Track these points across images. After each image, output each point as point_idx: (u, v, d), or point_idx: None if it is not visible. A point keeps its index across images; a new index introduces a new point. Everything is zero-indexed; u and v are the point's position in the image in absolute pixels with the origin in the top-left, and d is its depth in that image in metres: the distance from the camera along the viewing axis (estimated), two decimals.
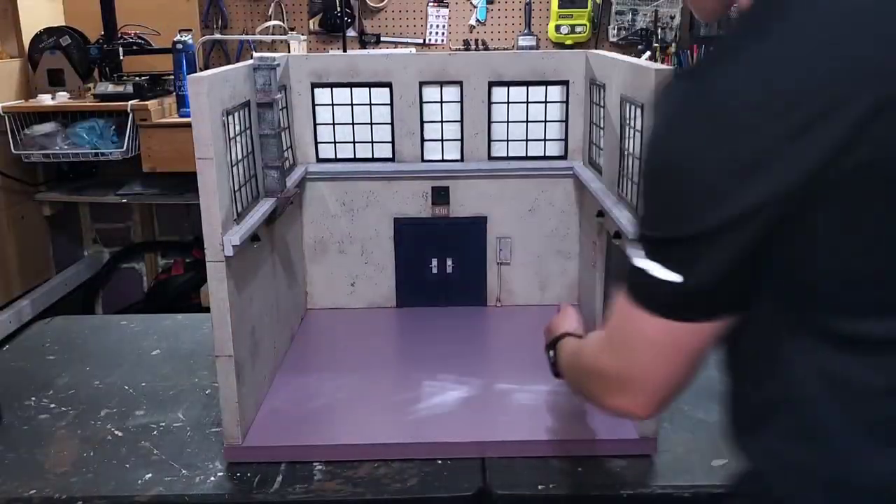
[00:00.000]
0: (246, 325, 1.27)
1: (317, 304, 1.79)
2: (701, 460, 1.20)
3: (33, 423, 1.36)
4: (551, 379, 1.43)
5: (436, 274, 1.77)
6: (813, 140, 0.67)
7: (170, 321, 1.80)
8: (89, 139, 2.84)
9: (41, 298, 3.02)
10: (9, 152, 2.84)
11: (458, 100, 1.67)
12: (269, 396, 1.38)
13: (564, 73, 1.65)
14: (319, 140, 1.71)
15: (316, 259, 1.76)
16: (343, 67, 1.65)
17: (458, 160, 1.71)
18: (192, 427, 1.33)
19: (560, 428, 1.27)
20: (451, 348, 1.58)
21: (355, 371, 1.48)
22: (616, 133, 1.37)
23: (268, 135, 1.39)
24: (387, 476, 1.19)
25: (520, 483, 1.17)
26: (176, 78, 2.84)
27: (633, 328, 0.81)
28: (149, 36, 3.22)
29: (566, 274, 1.77)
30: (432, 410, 1.34)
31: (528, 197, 1.72)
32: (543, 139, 1.71)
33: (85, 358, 1.62)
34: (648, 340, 0.80)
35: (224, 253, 1.16)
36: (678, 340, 0.79)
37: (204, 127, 1.12)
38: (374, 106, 1.68)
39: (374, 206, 1.73)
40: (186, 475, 1.20)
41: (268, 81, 1.36)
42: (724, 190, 0.71)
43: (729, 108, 0.70)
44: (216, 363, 1.20)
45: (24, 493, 1.16)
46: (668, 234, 0.76)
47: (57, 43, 3.01)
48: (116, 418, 1.37)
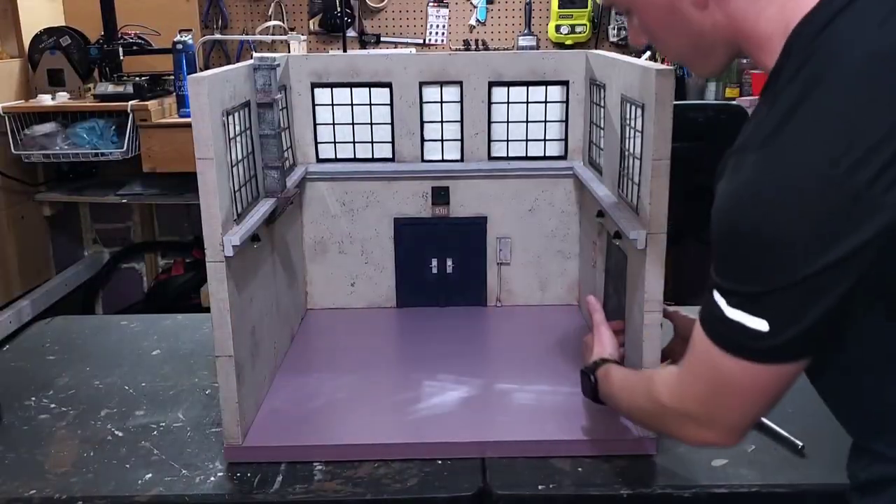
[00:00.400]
0: (246, 326, 1.28)
1: (317, 304, 1.79)
2: (701, 460, 1.20)
3: (33, 423, 1.36)
4: (551, 379, 1.44)
5: (436, 274, 1.77)
6: (891, 179, 0.70)
7: (170, 321, 1.80)
8: (89, 139, 2.84)
9: (41, 298, 3.03)
10: (9, 152, 2.84)
11: (458, 100, 1.67)
12: (269, 396, 1.38)
13: (564, 73, 1.65)
14: (319, 140, 1.71)
15: (316, 259, 1.76)
16: (343, 67, 1.65)
17: (458, 160, 1.71)
18: (193, 427, 1.33)
19: (560, 428, 1.27)
20: (451, 348, 1.58)
21: (355, 371, 1.48)
22: (616, 133, 1.37)
23: (268, 135, 1.39)
24: (387, 476, 1.19)
25: (520, 483, 1.17)
26: (176, 78, 2.84)
27: (719, 372, 0.84)
28: (149, 36, 3.22)
29: (566, 274, 1.77)
30: (432, 410, 1.34)
31: (528, 197, 1.72)
32: (543, 139, 1.71)
33: (85, 358, 1.62)
34: (735, 383, 0.84)
35: (224, 253, 1.16)
36: (765, 382, 0.83)
37: (204, 127, 1.12)
38: (374, 106, 1.68)
39: (374, 206, 1.73)
40: (186, 475, 1.20)
41: (268, 81, 1.36)
42: (811, 247, 0.74)
43: (806, 169, 0.73)
44: (216, 363, 1.20)
45: (24, 493, 1.16)
46: (755, 287, 0.78)
47: (57, 43, 3.01)
48: (116, 418, 1.37)
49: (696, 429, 0.91)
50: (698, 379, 0.88)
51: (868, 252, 0.73)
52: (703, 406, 0.89)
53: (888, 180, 0.70)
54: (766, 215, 0.75)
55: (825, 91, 0.74)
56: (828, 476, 1.15)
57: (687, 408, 0.91)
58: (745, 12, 0.86)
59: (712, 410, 0.88)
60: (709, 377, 0.86)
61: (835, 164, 0.71)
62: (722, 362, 0.83)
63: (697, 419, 0.90)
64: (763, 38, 0.84)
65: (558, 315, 1.74)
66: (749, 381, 0.83)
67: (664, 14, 0.92)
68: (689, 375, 0.91)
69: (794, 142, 0.74)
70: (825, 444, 1.19)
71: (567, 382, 1.40)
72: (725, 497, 1.14)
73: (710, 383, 0.86)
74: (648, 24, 0.97)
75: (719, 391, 0.86)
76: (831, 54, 0.75)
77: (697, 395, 0.89)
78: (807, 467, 1.19)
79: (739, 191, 0.78)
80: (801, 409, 0.86)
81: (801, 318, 0.77)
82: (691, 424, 0.92)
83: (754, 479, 1.15)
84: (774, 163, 0.75)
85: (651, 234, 1.18)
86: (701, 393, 0.88)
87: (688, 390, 0.91)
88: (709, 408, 0.88)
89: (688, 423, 0.92)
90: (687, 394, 0.91)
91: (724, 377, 0.84)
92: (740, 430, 0.88)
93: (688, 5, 0.89)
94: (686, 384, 0.91)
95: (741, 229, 0.78)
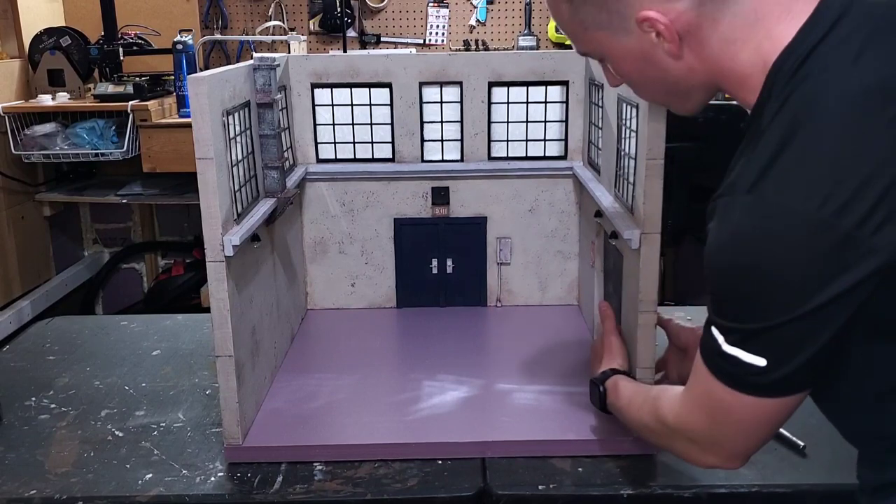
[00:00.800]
0: (246, 326, 1.28)
1: (317, 304, 1.79)
2: None
3: (33, 423, 1.36)
4: (551, 379, 1.44)
5: (436, 274, 1.77)
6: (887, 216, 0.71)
7: (170, 321, 1.80)
8: (89, 139, 2.84)
9: (41, 298, 3.03)
10: (9, 152, 2.84)
11: (458, 100, 1.67)
12: (269, 396, 1.38)
13: (564, 73, 1.66)
14: (319, 140, 1.71)
15: (316, 259, 1.76)
16: (343, 68, 1.65)
17: (458, 160, 1.71)
18: (193, 427, 1.33)
19: (560, 428, 1.27)
20: (451, 348, 1.58)
21: (355, 371, 1.48)
22: (613, 133, 1.37)
23: (268, 135, 1.39)
24: (387, 476, 1.19)
25: (520, 483, 1.17)
26: (176, 78, 2.84)
27: (719, 403, 0.85)
28: (149, 36, 3.23)
29: (566, 274, 1.77)
30: (432, 410, 1.34)
31: (528, 197, 1.72)
32: (543, 139, 1.71)
33: (85, 358, 1.62)
34: (735, 414, 0.85)
35: (224, 253, 1.16)
36: (765, 413, 0.84)
37: (204, 127, 1.12)
38: (374, 106, 1.68)
39: (374, 206, 1.73)
40: (187, 475, 1.20)
41: (268, 82, 1.36)
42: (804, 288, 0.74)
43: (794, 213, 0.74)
44: (216, 363, 1.20)
45: (24, 493, 1.16)
46: (750, 325, 0.79)
47: (57, 43, 3.01)
48: (117, 418, 1.37)
49: (700, 452, 0.92)
50: (700, 407, 0.89)
51: (861, 291, 0.73)
52: (705, 432, 0.90)
53: (876, 222, 0.71)
54: (757, 258, 0.76)
55: (806, 136, 0.74)
56: (829, 476, 1.15)
57: (690, 432, 0.92)
58: (720, 56, 0.85)
59: (715, 437, 0.89)
60: (710, 406, 0.87)
61: (822, 208, 0.72)
62: (722, 395, 0.84)
63: (701, 444, 0.91)
64: (742, 77, 0.85)
65: (558, 315, 1.74)
66: (749, 413, 0.84)
67: (639, 63, 0.92)
68: (691, 402, 0.92)
69: (780, 187, 0.75)
70: (826, 444, 1.19)
71: (567, 382, 1.40)
72: (725, 497, 1.14)
73: (711, 412, 0.88)
74: (624, 73, 0.97)
75: (720, 420, 0.87)
76: (809, 96, 0.75)
77: (700, 422, 0.90)
78: (808, 467, 1.19)
79: (730, 234, 0.79)
80: (803, 408, 0.86)
81: (798, 354, 0.77)
82: (695, 448, 0.93)
83: (754, 479, 1.15)
84: (763, 207, 0.76)
85: (645, 233, 1.18)
86: (703, 420, 0.89)
87: (690, 416, 0.92)
88: (711, 434, 0.89)
89: (692, 447, 0.93)
90: (690, 419, 0.92)
91: (724, 408, 0.85)
92: (744, 455, 0.90)
93: (662, 55, 0.88)
94: (688, 410, 0.92)
95: (733, 272, 0.79)
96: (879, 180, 0.71)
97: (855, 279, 0.72)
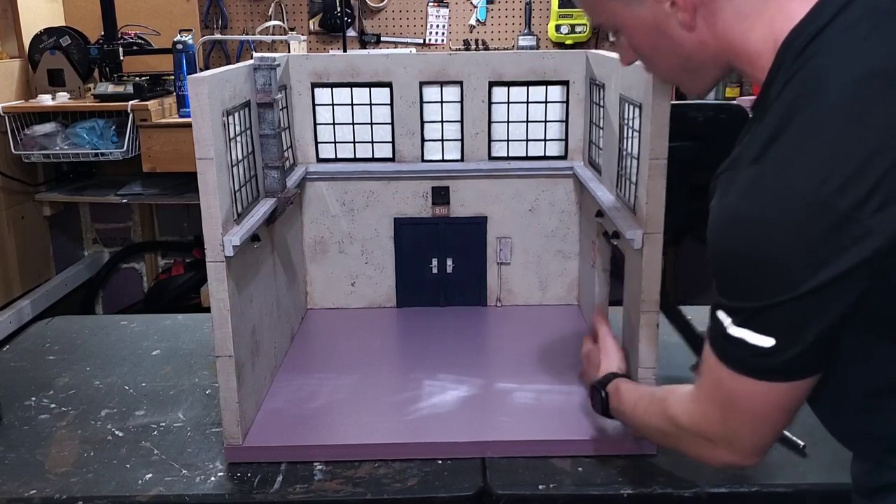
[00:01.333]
0: (246, 325, 1.28)
1: (317, 304, 1.79)
2: None
3: (33, 423, 1.36)
4: (551, 379, 1.44)
5: (436, 274, 1.77)
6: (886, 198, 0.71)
7: (170, 321, 1.80)
8: (89, 139, 2.84)
9: (41, 298, 3.02)
10: (9, 152, 2.84)
11: (458, 100, 1.67)
12: (269, 396, 1.38)
13: (564, 73, 1.65)
14: (319, 140, 1.71)
15: (316, 259, 1.76)
16: (343, 67, 1.65)
17: (459, 160, 1.71)
18: (193, 427, 1.33)
19: (560, 428, 1.27)
20: (451, 348, 1.58)
21: (355, 371, 1.48)
22: (615, 133, 1.37)
23: (268, 135, 1.39)
24: (387, 476, 1.19)
25: (520, 483, 1.17)
26: (176, 78, 2.84)
27: (730, 393, 0.85)
28: (149, 36, 3.22)
29: (566, 274, 1.77)
30: (432, 410, 1.34)
31: (528, 197, 1.72)
32: (543, 139, 1.71)
33: (85, 358, 1.62)
34: (747, 403, 0.84)
35: (224, 253, 1.16)
36: (776, 400, 0.83)
37: (204, 127, 1.12)
38: (375, 106, 1.68)
39: (374, 206, 1.73)
40: (187, 475, 1.20)
41: (268, 81, 1.36)
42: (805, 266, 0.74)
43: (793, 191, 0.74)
44: (216, 363, 1.20)
45: (24, 493, 1.16)
46: (758, 302, 0.78)
47: (57, 43, 3.01)
48: (117, 418, 1.37)
49: (714, 450, 0.91)
50: (712, 400, 0.89)
51: (862, 273, 0.73)
52: (718, 427, 0.89)
53: (875, 204, 0.71)
54: (757, 236, 0.76)
55: (809, 115, 0.74)
56: (829, 476, 1.15)
57: (703, 429, 0.92)
58: (733, 30, 0.86)
59: (728, 431, 0.88)
60: (721, 398, 0.87)
61: (821, 187, 0.72)
62: (732, 383, 0.84)
63: (714, 440, 0.90)
64: (753, 54, 0.85)
65: (558, 315, 1.74)
66: (760, 401, 0.83)
67: (652, 35, 0.92)
68: (703, 397, 0.91)
69: (780, 165, 0.75)
70: (826, 444, 1.18)
71: (567, 382, 1.40)
72: (725, 497, 1.14)
73: (723, 404, 0.87)
74: (637, 45, 0.97)
75: (733, 412, 0.86)
76: (814, 75, 0.75)
77: (712, 417, 0.89)
78: (808, 467, 1.19)
79: (730, 212, 0.79)
80: (803, 408, 0.86)
81: (803, 333, 0.77)
82: (709, 445, 0.92)
83: (754, 479, 1.15)
84: (762, 185, 0.76)
85: (648, 233, 1.18)
86: (715, 414, 0.89)
87: (702, 412, 0.91)
88: (725, 429, 0.88)
89: (705, 445, 0.92)
90: (702, 415, 0.91)
91: (735, 397, 0.85)
92: (759, 449, 0.89)
93: (675, 26, 0.89)
94: (700, 406, 0.91)
95: (735, 249, 0.79)
96: (880, 162, 0.71)
97: (854, 260, 0.72)
